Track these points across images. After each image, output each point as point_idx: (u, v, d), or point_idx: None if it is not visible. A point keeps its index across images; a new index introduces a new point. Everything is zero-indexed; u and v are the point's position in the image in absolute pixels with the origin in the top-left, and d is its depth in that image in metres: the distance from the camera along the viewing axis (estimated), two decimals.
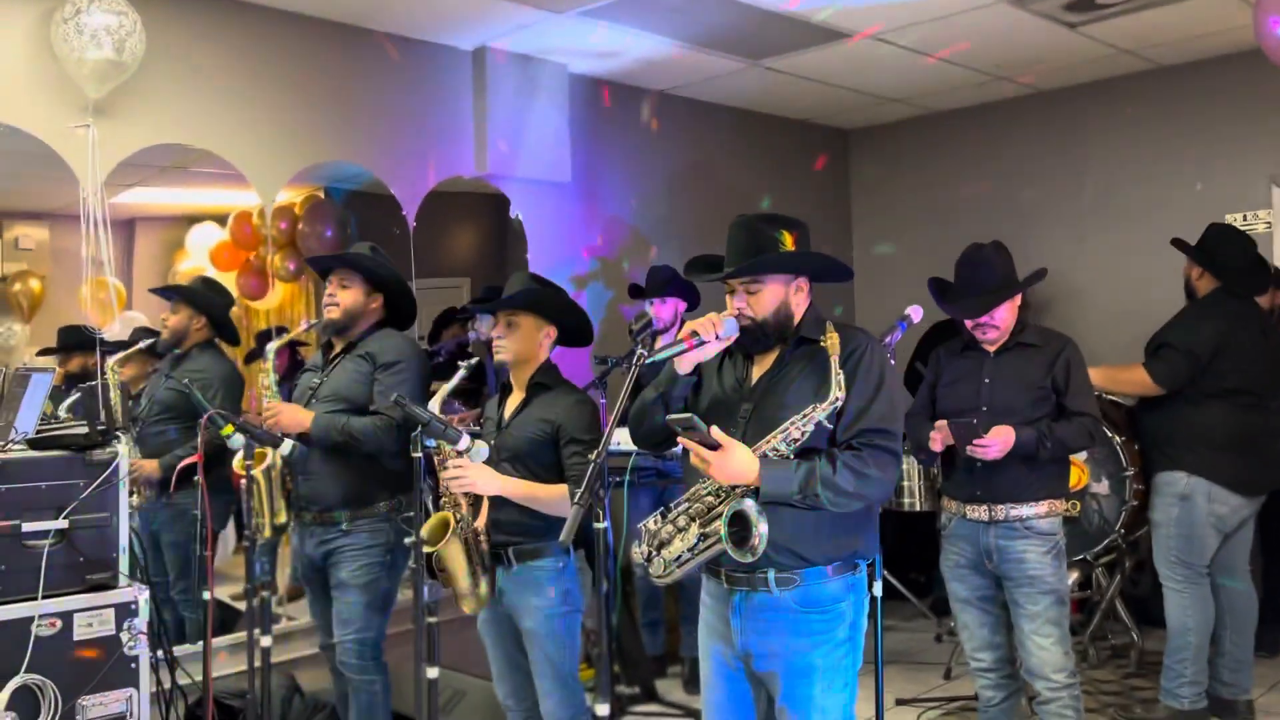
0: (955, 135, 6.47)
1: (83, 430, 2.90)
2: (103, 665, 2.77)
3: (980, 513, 3.37)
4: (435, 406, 3.09)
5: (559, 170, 5.27)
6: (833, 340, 2.40)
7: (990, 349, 3.47)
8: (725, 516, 2.27)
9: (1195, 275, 4.21)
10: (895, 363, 2.85)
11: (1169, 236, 4.34)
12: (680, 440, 2.34)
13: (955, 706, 4.44)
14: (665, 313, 4.77)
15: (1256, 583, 4.28)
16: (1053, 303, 5.94)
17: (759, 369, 2.52)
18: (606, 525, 2.29)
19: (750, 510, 2.23)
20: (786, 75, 5.60)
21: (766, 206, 6.21)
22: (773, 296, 2.46)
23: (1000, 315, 3.40)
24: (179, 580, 4.04)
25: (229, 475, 3.59)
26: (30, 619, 2.68)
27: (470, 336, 4.82)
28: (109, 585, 2.84)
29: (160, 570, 4.02)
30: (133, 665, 2.83)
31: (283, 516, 3.47)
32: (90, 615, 2.78)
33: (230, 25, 4.32)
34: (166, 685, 3.24)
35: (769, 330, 2.47)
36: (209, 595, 3.31)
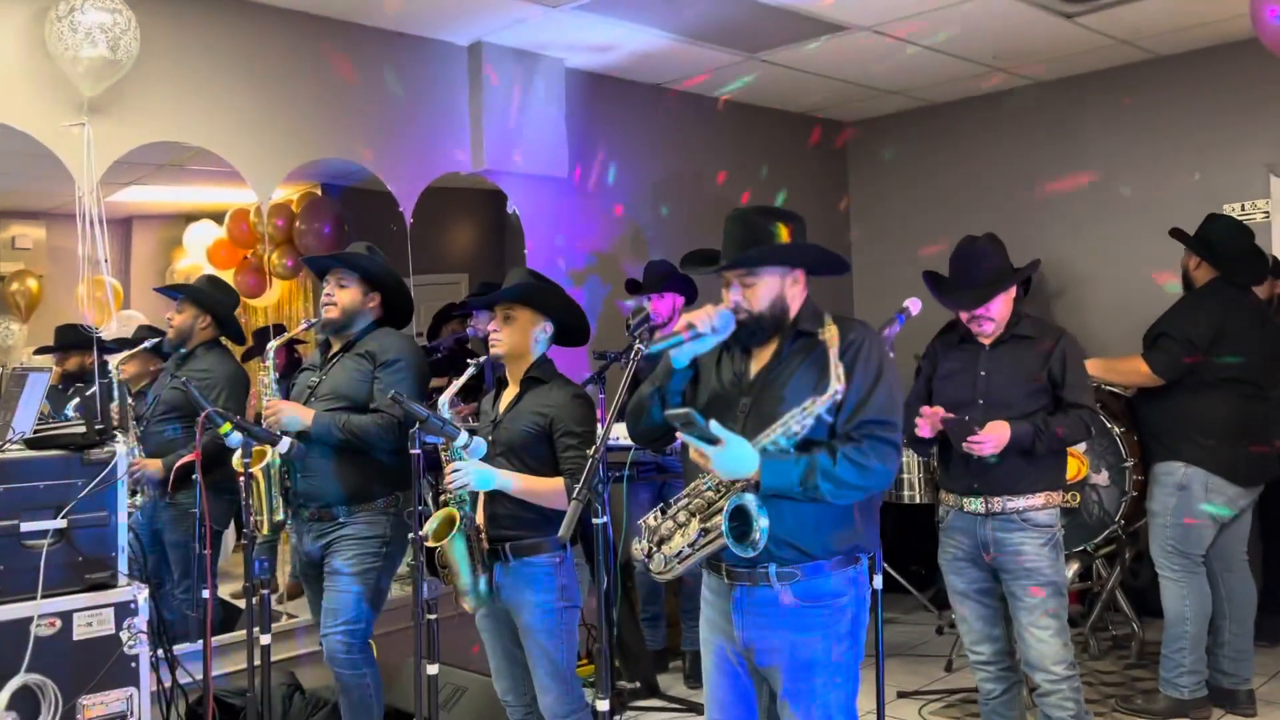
0: (953, 127, 6.47)
1: (80, 430, 2.90)
2: (103, 664, 2.77)
3: (977, 505, 3.37)
4: (444, 403, 3.10)
5: (556, 165, 5.26)
6: (831, 333, 2.40)
7: (986, 341, 3.46)
8: (726, 511, 2.26)
9: (1193, 265, 4.21)
10: (894, 356, 2.84)
11: (1167, 227, 4.34)
12: (679, 435, 2.33)
13: (956, 699, 4.44)
14: (663, 307, 4.78)
15: (1256, 572, 4.29)
16: (1063, 293, 5.94)
17: (757, 363, 2.51)
18: (606, 520, 2.29)
19: (751, 505, 2.23)
20: (783, 68, 5.59)
21: (781, 201, 6.21)
22: (768, 289, 2.45)
23: (995, 308, 3.39)
24: (183, 580, 4.04)
25: (232, 475, 3.59)
26: (30, 619, 2.68)
27: (469, 332, 4.81)
28: (108, 584, 2.85)
29: (164, 570, 4.02)
30: (133, 664, 2.84)
31: (280, 514, 3.48)
32: (90, 615, 2.79)
33: (225, 22, 4.30)
34: (167, 684, 3.24)
35: (765, 323, 2.46)
36: (208, 593, 3.31)
